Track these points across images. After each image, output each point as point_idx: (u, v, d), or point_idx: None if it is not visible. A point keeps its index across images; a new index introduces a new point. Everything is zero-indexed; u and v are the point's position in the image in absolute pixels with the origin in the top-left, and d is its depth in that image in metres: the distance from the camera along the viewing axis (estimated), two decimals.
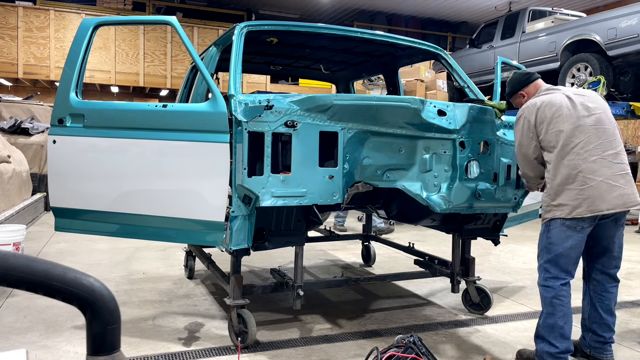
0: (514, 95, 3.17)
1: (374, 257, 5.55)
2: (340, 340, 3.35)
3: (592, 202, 2.73)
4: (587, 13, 10.93)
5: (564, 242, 2.80)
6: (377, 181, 3.17)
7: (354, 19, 17.21)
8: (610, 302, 3.00)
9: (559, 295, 2.80)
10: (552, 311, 2.81)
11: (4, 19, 12.08)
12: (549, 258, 2.84)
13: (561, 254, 2.80)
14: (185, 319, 3.66)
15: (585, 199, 2.73)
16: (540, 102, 2.89)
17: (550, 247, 2.84)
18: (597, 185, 2.73)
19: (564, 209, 2.78)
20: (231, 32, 3.47)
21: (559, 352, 2.79)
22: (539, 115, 2.86)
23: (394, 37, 3.93)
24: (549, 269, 2.84)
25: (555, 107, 2.83)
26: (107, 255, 5.63)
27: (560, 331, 2.79)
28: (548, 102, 2.87)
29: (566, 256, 2.81)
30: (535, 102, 2.92)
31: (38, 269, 1.06)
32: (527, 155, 2.96)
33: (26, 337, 3.24)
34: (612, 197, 2.74)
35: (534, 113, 2.88)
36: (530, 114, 2.90)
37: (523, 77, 3.11)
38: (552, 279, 2.83)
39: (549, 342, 2.81)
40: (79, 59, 3.25)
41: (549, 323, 2.81)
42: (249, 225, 2.98)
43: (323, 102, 2.91)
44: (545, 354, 2.83)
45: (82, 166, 3.20)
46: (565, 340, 2.80)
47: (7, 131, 8.91)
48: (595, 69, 8.30)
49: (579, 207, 2.74)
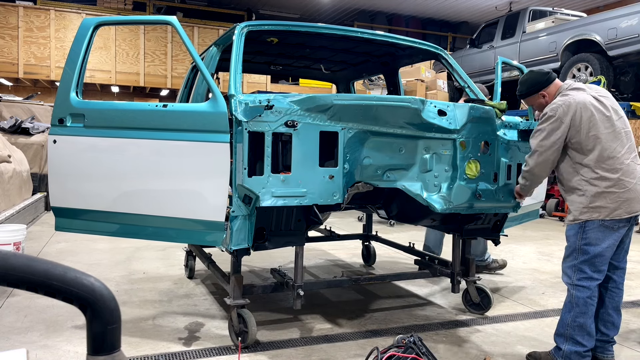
0: (532, 95, 3.07)
1: (374, 257, 5.55)
2: (340, 340, 3.35)
3: (629, 204, 2.80)
4: (588, 13, 10.93)
5: (601, 243, 2.82)
6: (377, 181, 3.17)
7: (354, 19, 17.22)
8: (619, 299, 3.05)
9: (593, 296, 2.86)
10: (585, 310, 2.85)
11: (4, 19, 12.08)
12: (585, 259, 2.86)
13: (598, 254, 2.83)
14: (185, 319, 3.66)
15: (624, 201, 2.79)
16: (574, 103, 2.82)
17: (586, 247, 2.85)
18: (634, 187, 2.81)
19: (602, 211, 2.81)
20: (231, 32, 3.47)
21: (586, 350, 2.86)
22: (574, 118, 2.81)
23: (395, 37, 3.93)
24: (585, 269, 2.86)
25: (590, 111, 2.81)
26: (107, 255, 5.63)
27: (589, 330, 2.86)
28: (582, 104, 2.82)
29: (602, 256, 2.84)
30: (567, 102, 2.84)
31: (38, 269, 1.06)
32: (549, 158, 2.90)
33: (26, 337, 3.24)
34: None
35: (569, 115, 2.81)
36: (565, 114, 2.82)
37: (543, 77, 3.02)
38: (587, 279, 2.86)
39: (576, 342, 2.86)
40: (79, 58, 3.25)
41: (580, 322, 2.86)
42: (249, 225, 2.98)
43: (323, 102, 2.91)
44: (573, 354, 2.86)
45: (83, 166, 3.20)
46: (591, 339, 2.88)
47: (8, 131, 8.92)
48: (596, 69, 8.29)
49: (618, 209, 2.80)
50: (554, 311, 4.11)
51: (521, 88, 3.13)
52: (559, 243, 7.43)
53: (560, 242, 7.55)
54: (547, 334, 3.58)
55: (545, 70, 3.11)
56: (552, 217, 10.32)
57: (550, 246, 7.14)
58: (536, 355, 3.10)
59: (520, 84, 3.14)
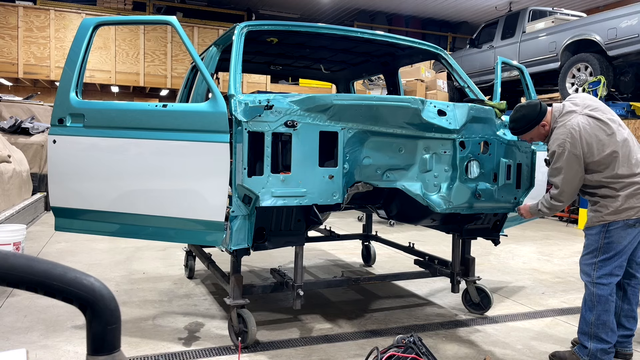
0: (533, 129, 3.07)
1: (374, 257, 5.55)
2: (340, 340, 3.35)
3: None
4: (587, 13, 10.93)
5: (623, 240, 2.90)
6: (377, 181, 3.17)
7: (354, 19, 17.21)
8: (638, 294, 3.14)
9: (613, 292, 2.94)
10: (607, 308, 2.91)
11: (4, 19, 12.08)
12: (607, 256, 2.92)
13: (620, 251, 2.91)
14: (185, 319, 3.66)
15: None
16: (577, 131, 2.86)
17: (609, 246, 2.92)
18: None
19: (630, 211, 2.88)
20: (231, 32, 3.48)
21: (610, 346, 2.93)
22: (583, 146, 2.86)
23: (394, 37, 3.93)
24: (605, 267, 2.92)
25: (594, 135, 2.87)
26: (107, 255, 5.63)
27: (612, 326, 2.92)
28: (584, 130, 2.86)
29: (623, 253, 2.92)
30: (570, 134, 2.87)
31: (38, 269, 1.06)
32: (575, 188, 2.96)
33: (26, 337, 3.24)
34: None
35: (577, 145, 2.86)
36: (574, 147, 2.86)
37: (537, 109, 3.03)
38: (608, 276, 2.92)
39: (601, 339, 2.91)
40: (79, 58, 3.25)
41: (604, 320, 2.91)
42: (249, 225, 2.98)
43: (323, 102, 2.91)
44: (599, 352, 2.92)
45: (83, 166, 3.20)
46: (614, 334, 2.94)
47: (8, 131, 8.92)
48: (596, 69, 8.29)
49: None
50: (553, 311, 4.11)
51: (517, 125, 3.11)
52: (558, 243, 7.43)
53: (560, 242, 7.55)
54: (547, 334, 3.59)
55: (534, 102, 3.10)
56: (552, 217, 10.32)
57: (550, 246, 7.14)
58: (560, 355, 3.11)
59: (515, 122, 3.11)
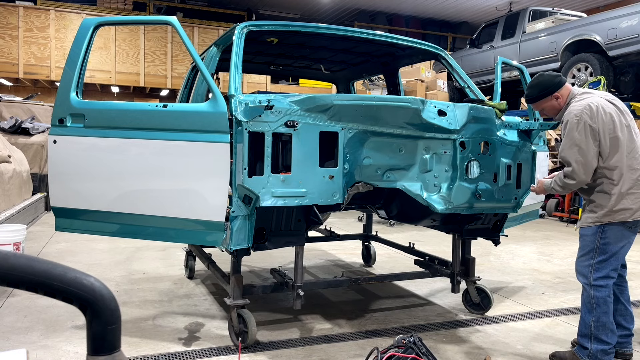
0: (544, 98, 3.03)
1: (374, 257, 5.55)
2: (340, 340, 3.35)
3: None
4: (588, 13, 10.93)
5: (619, 242, 2.88)
6: (377, 181, 3.17)
7: (354, 19, 17.22)
8: (627, 291, 3.14)
9: (611, 294, 2.92)
10: (606, 310, 2.89)
11: (4, 19, 12.08)
12: (603, 258, 2.89)
13: (616, 253, 2.88)
14: (185, 319, 3.66)
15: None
16: (595, 106, 2.83)
17: (605, 247, 2.89)
18: None
19: (626, 213, 2.84)
20: (231, 32, 3.48)
21: (610, 347, 2.91)
22: (599, 121, 2.82)
23: (394, 37, 3.93)
24: (602, 269, 2.90)
25: (609, 113, 2.85)
26: (107, 255, 5.63)
27: (611, 327, 2.91)
28: (602, 106, 2.84)
29: (619, 255, 2.90)
30: (589, 106, 2.83)
31: (38, 269, 1.06)
32: (589, 162, 2.84)
33: (26, 337, 3.24)
34: None
35: (594, 118, 2.82)
36: (591, 118, 2.81)
37: (556, 79, 3.01)
38: (605, 278, 2.90)
39: (600, 340, 2.89)
40: (79, 59, 3.25)
41: (603, 321, 2.89)
42: (249, 225, 2.98)
43: (323, 102, 2.91)
44: (599, 353, 2.90)
45: (83, 166, 3.20)
46: (614, 335, 2.92)
47: (8, 131, 8.92)
48: (596, 69, 8.29)
49: (639, 210, 2.85)
50: (554, 311, 4.11)
51: (532, 92, 3.07)
52: (558, 243, 7.43)
53: (560, 242, 7.55)
54: (547, 334, 3.58)
55: (556, 73, 3.08)
56: (552, 217, 10.32)
57: (550, 246, 7.14)
58: (560, 355, 3.11)
59: (531, 88, 3.07)
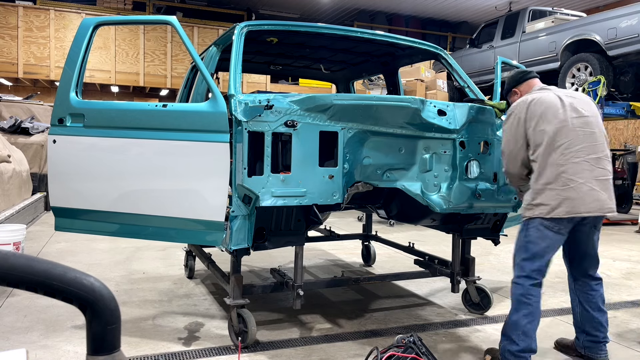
0: (509, 93, 3.17)
1: (374, 257, 5.55)
2: (340, 340, 3.35)
3: (571, 203, 2.72)
4: (587, 13, 10.93)
5: (541, 242, 2.79)
6: (377, 181, 3.17)
7: (354, 19, 17.22)
8: (597, 299, 3.00)
9: (527, 294, 2.79)
10: (518, 308, 2.80)
11: (4, 19, 12.08)
12: (525, 257, 2.83)
13: (536, 253, 2.80)
14: (185, 319, 3.66)
15: (564, 199, 2.72)
16: (531, 99, 2.89)
17: (527, 245, 2.83)
18: (578, 187, 2.72)
19: (543, 208, 2.76)
20: (231, 32, 3.47)
21: (519, 350, 2.75)
22: (529, 113, 2.84)
23: (394, 37, 3.93)
24: (524, 267, 2.83)
25: (545, 106, 2.82)
26: (107, 255, 5.63)
27: (523, 329, 2.76)
28: (538, 99, 2.86)
29: (541, 256, 2.80)
30: (527, 99, 2.90)
31: (38, 269, 1.06)
32: (513, 153, 2.93)
33: (26, 337, 3.24)
34: (590, 200, 2.73)
35: (525, 110, 2.86)
36: (521, 111, 2.88)
37: (518, 75, 3.11)
38: (524, 277, 2.81)
39: (510, 339, 2.79)
40: (79, 58, 3.25)
41: (514, 320, 2.79)
42: (249, 225, 2.98)
43: (323, 102, 2.91)
44: (506, 352, 2.80)
45: (83, 166, 3.20)
46: (527, 339, 2.76)
47: (7, 131, 8.92)
48: (596, 68, 8.30)
49: (557, 207, 2.73)
50: (553, 311, 4.11)
51: (505, 87, 3.21)
52: None
53: None
54: (546, 334, 3.58)
55: (525, 70, 3.15)
56: None
57: None
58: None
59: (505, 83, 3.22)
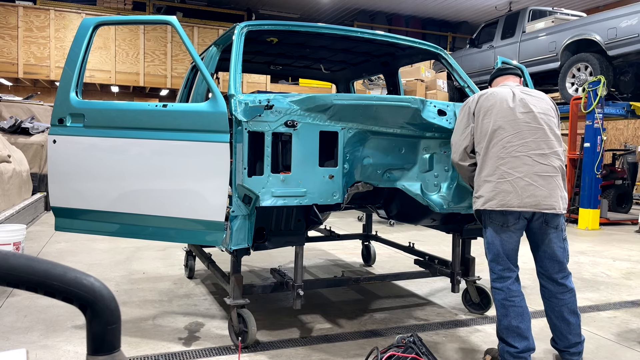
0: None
1: (374, 257, 5.55)
2: (340, 340, 3.35)
3: (504, 197, 2.66)
4: (587, 13, 10.93)
5: (495, 241, 2.78)
6: (377, 181, 3.17)
7: (354, 19, 17.22)
8: (561, 308, 2.85)
9: (509, 297, 2.75)
10: (505, 313, 2.74)
11: (4, 19, 12.08)
12: (491, 258, 2.83)
13: (496, 253, 2.79)
14: (185, 319, 3.66)
15: (499, 192, 2.68)
16: (484, 92, 2.89)
17: (488, 247, 2.83)
18: (514, 181, 2.66)
19: (480, 200, 2.76)
20: (231, 32, 3.48)
21: (519, 351, 2.71)
22: (478, 104, 2.85)
23: (394, 37, 3.93)
24: (494, 269, 2.82)
25: (494, 100, 2.81)
26: (107, 255, 5.63)
27: (517, 331, 2.71)
28: (491, 93, 2.85)
29: (501, 255, 2.78)
30: (482, 92, 2.92)
31: (38, 269, 1.06)
32: (458, 143, 2.93)
33: (26, 337, 3.24)
34: (526, 196, 2.65)
35: (475, 101, 2.87)
36: (472, 102, 2.89)
37: (495, 72, 3.11)
38: (499, 279, 2.79)
39: (507, 342, 2.74)
40: (79, 58, 3.25)
41: (505, 324, 2.74)
42: (249, 225, 2.98)
43: (323, 102, 2.91)
44: (506, 354, 2.76)
45: (83, 166, 3.21)
46: (523, 340, 2.72)
47: (7, 131, 8.92)
48: (596, 68, 8.30)
49: (491, 200, 2.70)
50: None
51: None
52: None
53: None
54: (546, 334, 3.58)
55: (504, 66, 3.13)
56: None
57: None
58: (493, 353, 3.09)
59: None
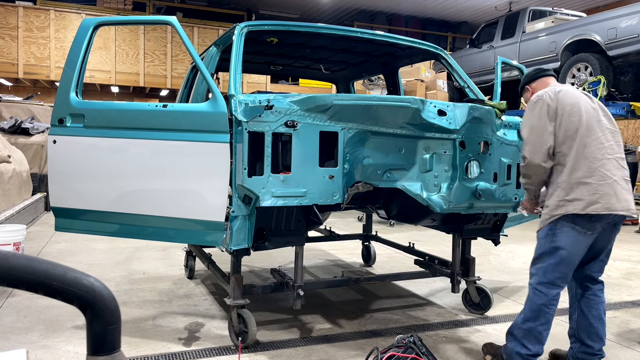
0: (522, 90, 3.11)
1: (374, 257, 5.55)
2: (340, 340, 3.35)
3: (608, 199, 2.59)
4: (587, 13, 10.93)
5: (570, 248, 2.64)
6: (377, 181, 3.17)
7: (354, 19, 17.22)
8: (599, 306, 2.84)
9: (549, 305, 2.70)
10: (536, 316, 2.70)
11: (4, 19, 12.08)
12: (550, 262, 2.69)
13: (564, 259, 2.66)
14: (185, 319, 3.66)
15: (603, 194, 2.58)
16: (559, 89, 2.75)
17: (554, 251, 2.68)
18: (613, 184, 2.61)
19: (578, 204, 2.58)
20: (231, 32, 3.48)
21: (530, 354, 2.69)
22: (560, 101, 2.68)
23: (394, 37, 3.93)
24: (547, 274, 2.70)
25: (575, 97, 2.71)
26: (107, 255, 5.63)
27: (539, 337, 2.70)
28: (567, 91, 2.74)
29: (568, 262, 2.67)
30: (553, 89, 2.76)
31: (38, 269, 1.06)
32: (539, 142, 2.68)
33: (26, 337, 3.24)
34: (622, 199, 2.63)
35: (555, 98, 2.70)
36: (551, 98, 2.71)
37: (533, 72, 3.05)
38: (548, 284, 2.70)
39: (521, 344, 2.71)
40: (79, 59, 3.25)
41: (529, 326, 2.70)
42: (249, 225, 2.98)
43: (323, 102, 2.91)
44: (514, 354, 2.72)
45: (83, 166, 3.20)
46: (538, 344, 2.70)
47: (8, 131, 8.92)
48: (596, 69, 8.30)
49: (595, 202, 2.57)
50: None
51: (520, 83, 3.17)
52: None
53: None
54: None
55: (540, 67, 3.11)
56: None
57: None
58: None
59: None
